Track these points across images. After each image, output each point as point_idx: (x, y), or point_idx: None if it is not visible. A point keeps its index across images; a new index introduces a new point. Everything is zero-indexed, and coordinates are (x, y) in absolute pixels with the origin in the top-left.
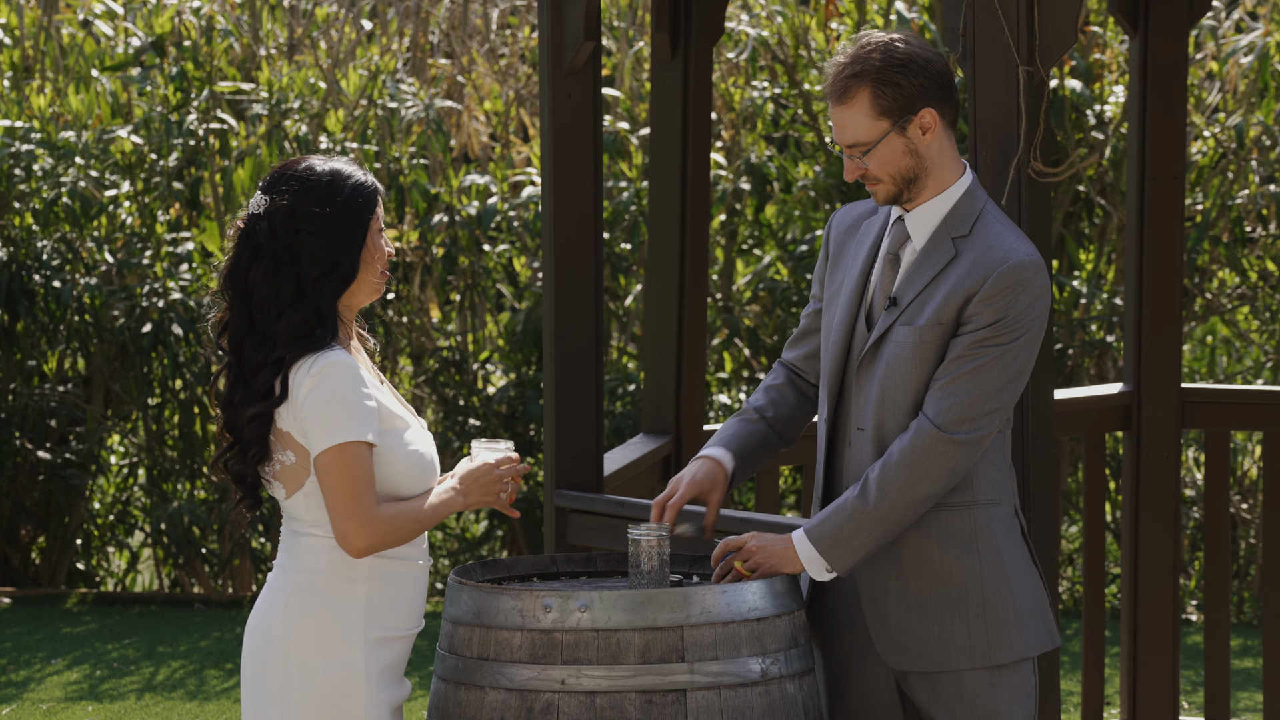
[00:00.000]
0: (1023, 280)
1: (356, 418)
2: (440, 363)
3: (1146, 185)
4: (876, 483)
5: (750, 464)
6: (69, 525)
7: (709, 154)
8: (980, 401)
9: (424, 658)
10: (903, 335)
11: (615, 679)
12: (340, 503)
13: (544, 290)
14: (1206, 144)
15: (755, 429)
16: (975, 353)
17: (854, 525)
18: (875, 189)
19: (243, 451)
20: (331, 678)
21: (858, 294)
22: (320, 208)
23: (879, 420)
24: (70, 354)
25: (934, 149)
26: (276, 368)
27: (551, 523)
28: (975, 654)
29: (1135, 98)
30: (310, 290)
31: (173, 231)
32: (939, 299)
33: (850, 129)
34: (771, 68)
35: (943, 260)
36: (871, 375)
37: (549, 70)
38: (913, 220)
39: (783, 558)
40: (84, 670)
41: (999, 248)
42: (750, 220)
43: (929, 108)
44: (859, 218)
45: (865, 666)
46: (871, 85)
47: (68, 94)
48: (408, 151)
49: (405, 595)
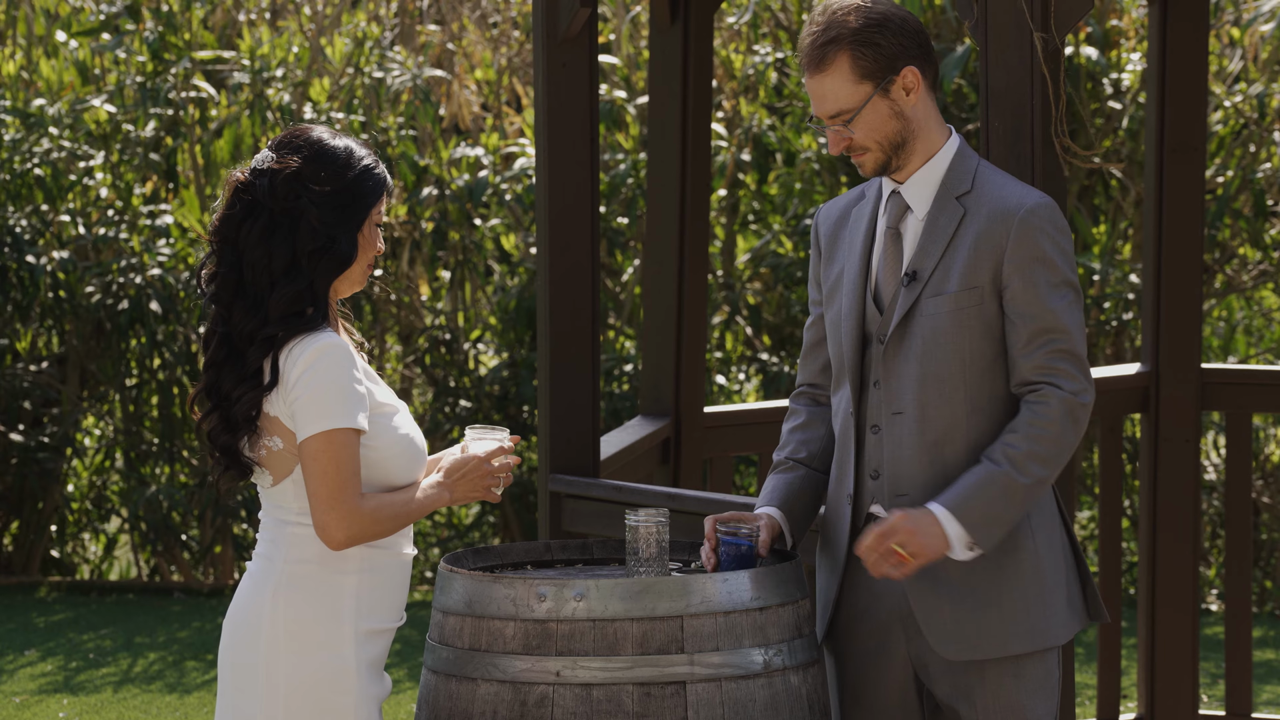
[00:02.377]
0: (1052, 220)
1: (348, 402)
2: (430, 342)
3: (1165, 157)
4: (1028, 456)
5: (802, 510)
6: (43, 511)
7: (709, 124)
8: (1079, 347)
9: (413, 649)
10: (934, 307)
11: (612, 671)
12: (324, 491)
13: (538, 267)
14: (1227, 114)
15: (794, 476)
16: (1037, 306)
17: (1005, 501)
18: (863, 159)
19: (230, 425)
20: (324, 672)
21: (861, 279)
22: (328, 178)
23: (923, 400)
24: (44, 332)
25: (919, 110)
26: (267, 346)
27: (546, 508)
28: (1018, 639)
29: (1154, 66)
30: (305, 264)
31: (150, 205)
32: (963, 261)
33: (831, 98)
34: (774, 33)
35: (953, 221)
36: (905, 356)
37: (543, 37)
38: (910, 190)
39: (935, 537)
40: (58, 661)
41: (1009, 197)
42: (752, 192)
43: (910, 66)
44: (846, 207)
45: (882, 659)
46: (850, 48)
47: (39, 61)
48: (395, 122)
49: (392, 587)
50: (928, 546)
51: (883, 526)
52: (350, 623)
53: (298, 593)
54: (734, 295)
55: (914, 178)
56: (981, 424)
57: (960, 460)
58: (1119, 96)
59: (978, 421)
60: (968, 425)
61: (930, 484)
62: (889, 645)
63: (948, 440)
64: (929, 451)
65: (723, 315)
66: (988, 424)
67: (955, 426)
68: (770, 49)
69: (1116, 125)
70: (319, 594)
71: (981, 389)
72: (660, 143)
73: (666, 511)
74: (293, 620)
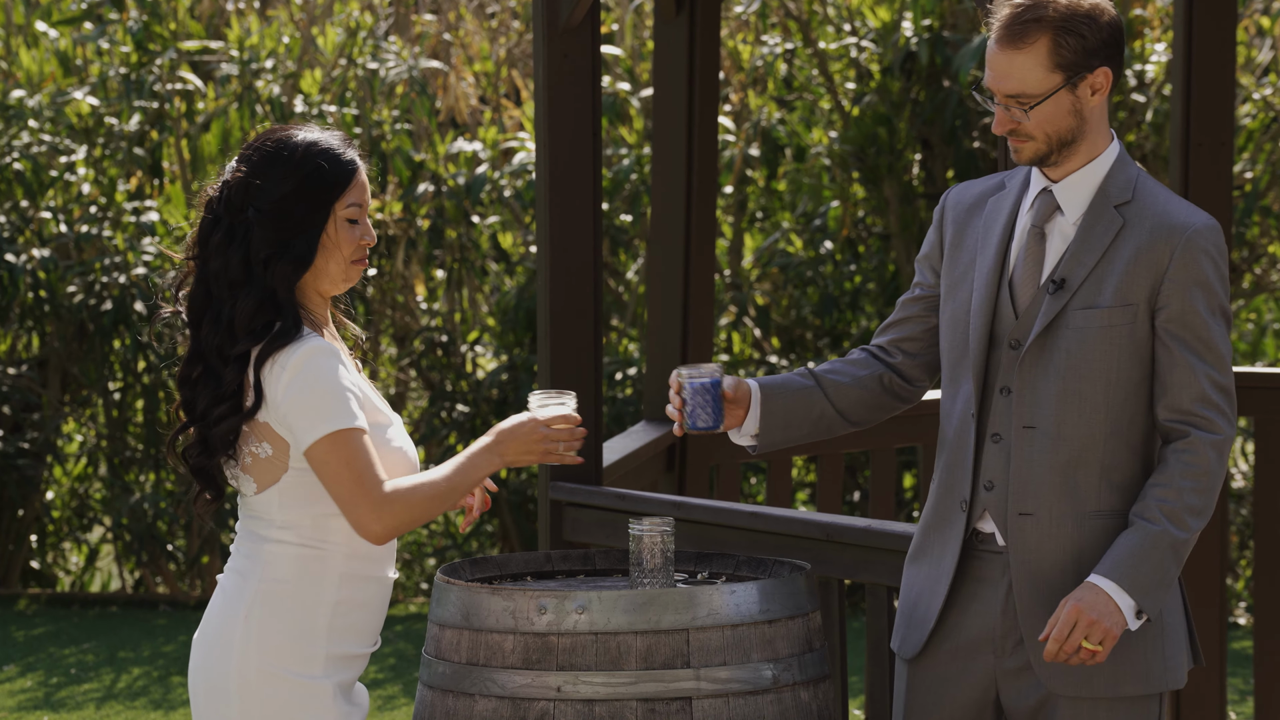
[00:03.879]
0: (1217, 244)
1: (340, 402)
2: (426, 344)
3: (1191, 152)
4: (1184, 510)
5: (784, 410)
6: (22, 520)
7: (716, 117)
8: (1230, 381)
9: (409, 664)
10: (1084, 320)
11: (615, 686)
12: (346, 491)
13: (538, 266)
14: (1256, 107)
15: (803, 382)
16: (1195, 331)
17: (1170, 559)
18: (1022, 145)
19: (207, 447)
20: (296, 695)
21: (996, 276)
22: (274, 184)
23: (1060, 417)
24: (24, 334)
25: (1096, 112)
26: (242, 364)
27: (546, 517)
28: (1131, 681)
29: (1179, 56)
30: (260, 271)
31: (134, 201)
32: (1119, 275)
33: (1017, 77)
34: (784, 23)
35: (1110, 231)
36: (1045, 367)
37: (544, 27)
38: (1064, 190)
39: (1113, 615)
40: (38, 677)
41: (1175, 213)
42: (761, 189)
43: (1105, 67)
44: (981, 195)
45: (965, 681)
46: (1054, 33)
47: (18, 51)
48: (390, 116)
49: (370, 610)
50: (1113, 630)
51: (1059, 627)
52: (324, 646)
53: (272, 614)
54: (742, 296)
55: (1070, 178)
56: (1118, 448)
57: (1093, 483)
58: (1143, 89)
59: (1115, 445)
60: (1104, 449)
61: (1058, 505)
62: (974, 667)
63: (1081, 462)
64: (1060, 472)
65: (730, 316)
66: (1124, 449)
67: (1091, 449)
68: (780, 39)
69: (1140, 119)
70: (294, 615)
71: (1123, 412)
72: (665, 137)
73: (672, 521)
74: (265, 641)
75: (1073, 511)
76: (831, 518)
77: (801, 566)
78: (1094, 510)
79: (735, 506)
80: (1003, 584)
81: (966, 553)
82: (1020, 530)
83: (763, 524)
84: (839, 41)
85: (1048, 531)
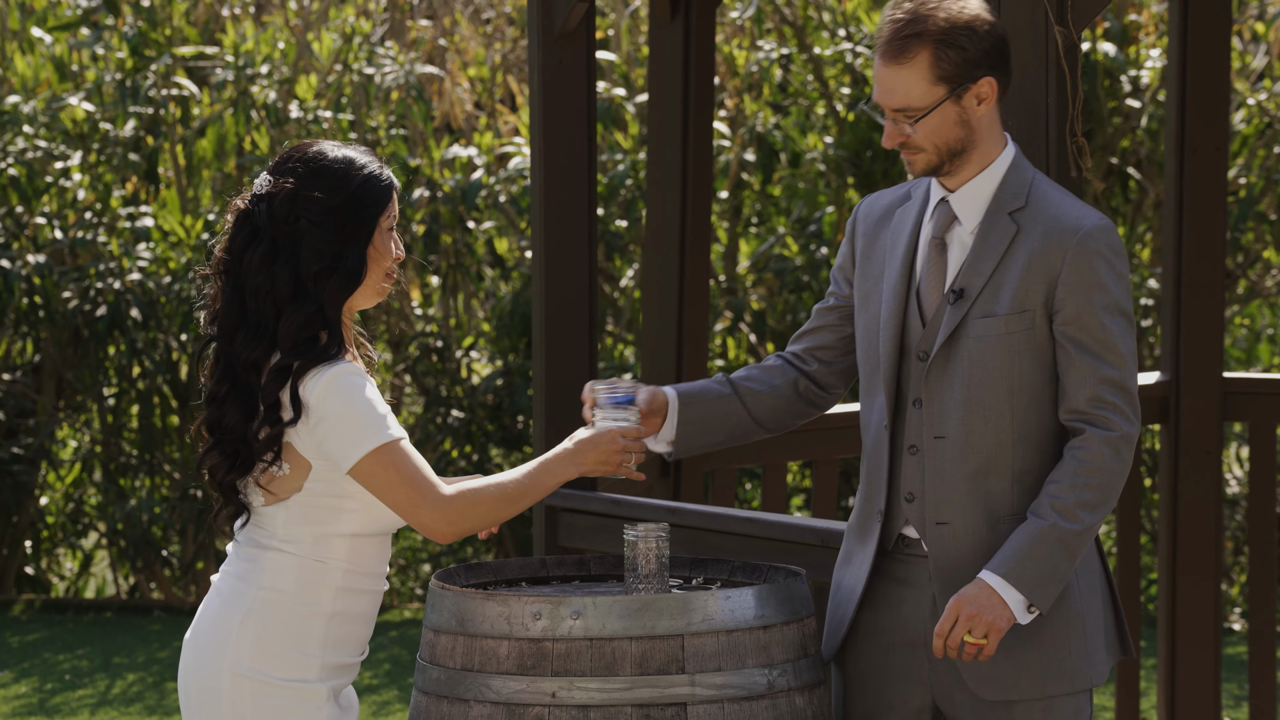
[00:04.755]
0: (1110, 244)
1: (378, 418)
2: (421, 349)
3: (1186, 157)
4: (1075, 505)
5: (700, 418)
6: (17, 525)
7: (711, 123)
8: (1130, 379)
9: (403, 669)
10: (984, 328)
11: (610, 692)
12: (404, 499)
13: (533, 271)
14: (1250, 113)
15: (719, 389)
16: (1091, 333)
17: (1058, 556)
18: (914, 158)
19: (237, 463)
20: (289, 698)
21: (903, 288)
22: (325, 195)
23: (967, 426)
24: (19, 340)
25: (985, 121)
26: (283, 377)
27: (541, 523)
28: (1056, 680)
29: (1174, 62)
30: (311, 286)
31: (129, 207)
32: (1014, 282)
33: (901, 92)
34: (779, 29)
35: (1005, 239)
36: (951, 377)
37: (539, 33)
38: (959, 200)
39: (997, 609)
40: (32, 683)
41: (1066, 217)
42: (756, 193)
43: (989, 76)
44: (889, 206)
45: (903, 683)
46: (934, 46)
47: (13, 57)
48: (385, 121)
49: (362, 622)
50: (996, 623)
51: (941, 623)
52: (318, 656)
53: (267, 624)
54: (737, 301)
55: (965, 187)
56: (1028, 452)
57: (1004, 489)
58: (1138, 94)
59: (1024, 450)
60: (1013, 454)
61: (972, 512)
62: (910, 669)
63: (992, 469)
64: (972, 480)
65: (725, 322)
66: (1034, 452)
67: (1000, 455)
68: (775, 44)
69: (1135, 124)
70: (290, 625)
71: (1029, 417)
72: (660, 142)
73: (667, 526)
74: (260, 647)
75: (987, 518)
76: (826, 523)
77: (796, 572)
78: (1008, 514)
79: (730, 512)
80: (929, 589)
81: (890, 559)
82: (938, 539)
83: (758, 529)
84: (834, 47)
85: (964, 539)
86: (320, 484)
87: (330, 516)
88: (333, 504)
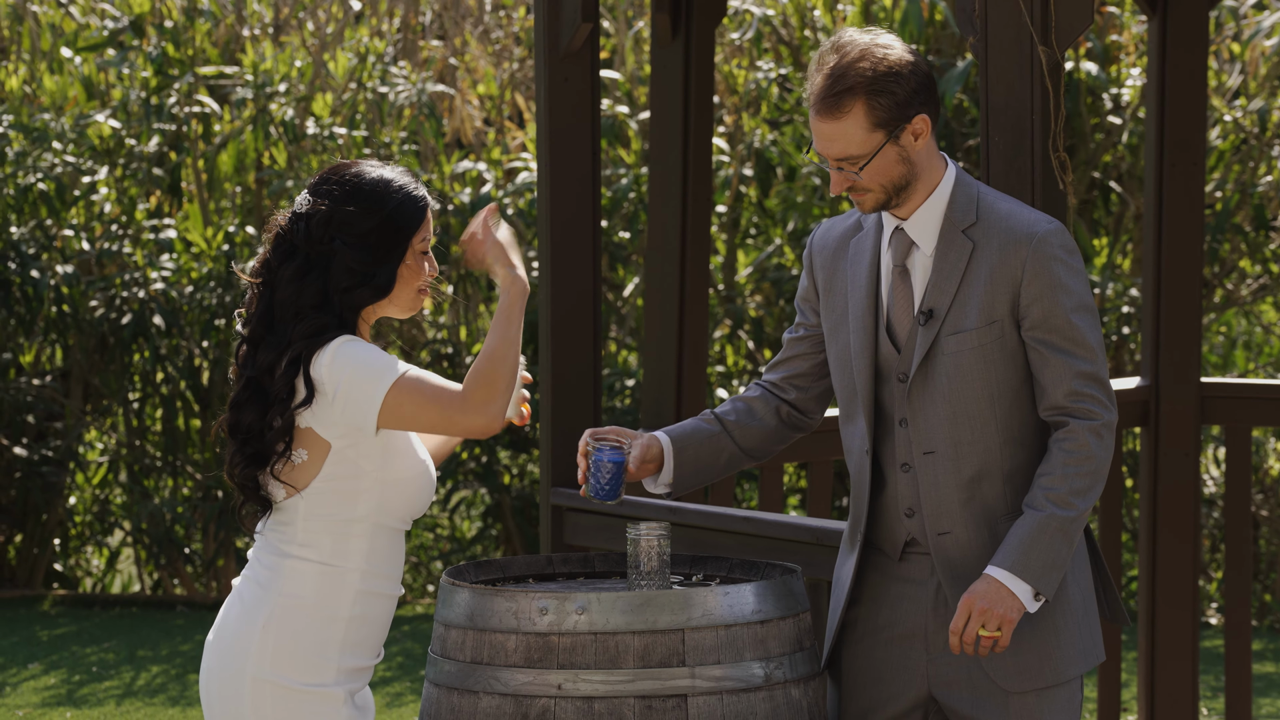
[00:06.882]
0: (1063, 245)
1: (389, 361)
2: (432, 356)
3: (1165, 172)
4: (1069, 493)
5: (694, 458)
6: (46, 524)
7: (711, 139)
8: (1102, 370)
9: (415, 662)
10: (956, 344)
11: (614, 684)
12: (436, 416)
13: (539, 281)
14: (1227, 129)
15: (708, 427)
16: (1061, 332)
17: (1059, 543)
18: (863, 198)
19: (255, 457)
20: (309, 701)
21: (871, 316)
22: (361, 216)
23: (955, 438)
24: (48, 346)
25: (924, 153)
26: (294, 368)
27: (548, 522)
28: (1069, 664)
29: (1153, 81)
30: (337, 299)
31: (153, 219)
32: (979, 296)
33: (841, 142)
34: (776, 49)
35: (963, 257)
36: (932, 395)
37: (545, 53)
38: (913, 226)
39: (1007, 601)
40: (61, 675)
41: (1017, 225)
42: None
43: (921, 113)
44: (842, 237)
45: (902, 675)
46: (865, 96)
47: (43, 77)
48: (398, 137)
49: (378, 625)
50: (1008, 614)
51: (955, 620)
52: (336, 660)
53: (289, 627)
54: (736, 309)
55: (916, 214)
56: (1017, 453)
57: (998, 491)
58: (1119, 111)
59: (1013, 451)
60: (1002, 456)
61: (971, 519)
62: (908, 661)
63: (985, 475)
64: (966, 489)
65: (724, 329)
66: (1023, 452)
67: (990, 460)
68: (772, 64)
69: (1116, 140)
70: (311, 630)
71: (1012, 419)
72: (662, 157)
73: (668, 525)
74: (281, 653)
75: (986, 521)
76: (821, 522)
77: (792, 569)
78: (1004, 514)
79: (729, 511)
80: (931, 583)
81: (898, 563)
82: (941, 546)
83: (755, 528)
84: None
85: (966, 545)
86: (338, 467)
87: (347, 502)
88: (349, 487)
